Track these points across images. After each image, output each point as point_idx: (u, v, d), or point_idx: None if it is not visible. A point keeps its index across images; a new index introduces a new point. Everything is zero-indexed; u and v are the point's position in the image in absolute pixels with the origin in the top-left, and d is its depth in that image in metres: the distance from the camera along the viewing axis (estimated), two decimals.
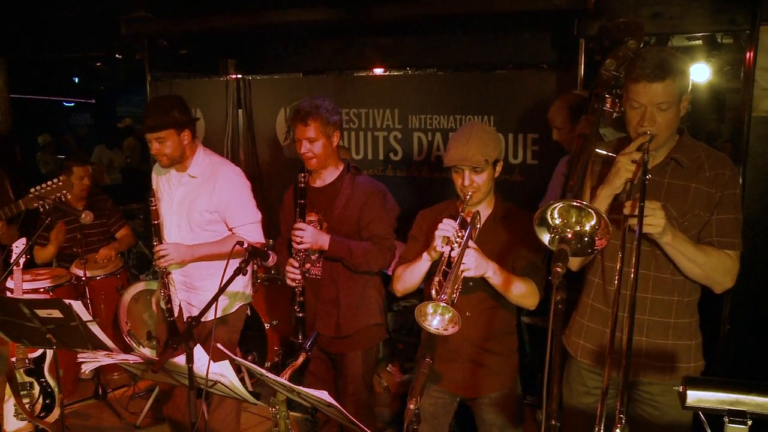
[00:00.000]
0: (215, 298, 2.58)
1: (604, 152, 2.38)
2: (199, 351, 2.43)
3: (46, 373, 4.19)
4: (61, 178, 3.56)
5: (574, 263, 2.53)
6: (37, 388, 4.20)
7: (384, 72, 5.54)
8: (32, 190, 3.52)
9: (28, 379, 4.20)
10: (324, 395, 2.08)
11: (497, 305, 2.77)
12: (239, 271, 2.70)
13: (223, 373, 2.46)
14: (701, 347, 2.50)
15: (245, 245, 2.79)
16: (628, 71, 2.30)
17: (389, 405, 4.74)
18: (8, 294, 4.10)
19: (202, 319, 3.38)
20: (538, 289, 2.66)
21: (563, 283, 1.70)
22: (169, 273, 3.53)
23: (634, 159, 2.22)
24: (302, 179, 3.24)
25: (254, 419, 4.55)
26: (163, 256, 3.33)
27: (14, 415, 4.18)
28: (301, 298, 3.24)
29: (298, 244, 3.14)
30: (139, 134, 3.44)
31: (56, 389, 4.23)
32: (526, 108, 4.78)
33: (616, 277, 2.10)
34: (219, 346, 2.46)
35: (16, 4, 5.37)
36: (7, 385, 4.13)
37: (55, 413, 4.25)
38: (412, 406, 2.03)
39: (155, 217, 3.43)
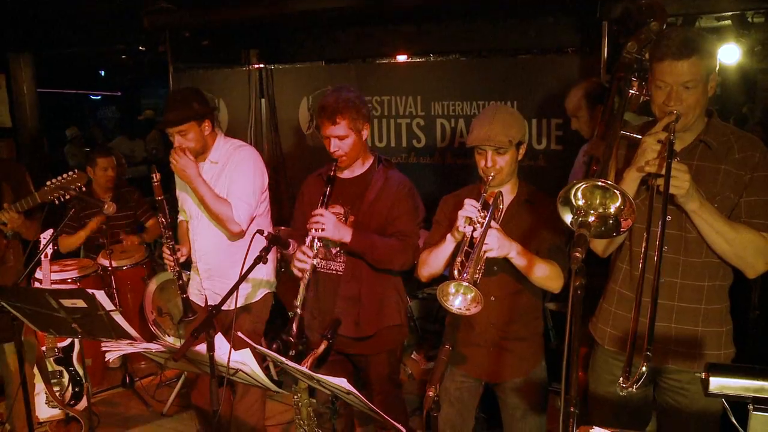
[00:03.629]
0: (236, 287, 2.57)
1: (630, 134, 2.32)
2: (220, 339, 2.43)
3: (75, 362, 4.25)
4: (75, 170, 3.58)
5: (600, 248, 2.49)
6: (66, 377, 4.26)
7: (406, 59, 5.50)
8: (48, 182, 3.54)
9: (57, 367, 4.27)
10: (343, 383, 2.07)
11: (522, 289, 2.74)
12: (259, 259, 2.69)
13: (244, 361, 2.47)
14: (731, 334, 2.44)
15: (265, 233, 2.78)
16: (653, 51, 2.24)
17: (414, 392, 4.74)
18: (37, 284, 4.17)
19: (227, 308, 3.42)
20: (562, 273, 2.62)
21: (582, 269, 1.66)
22: (193, 261, 3.55)
23: (660, 139, 2.16)
24: (333, 167, 3.10)
25: (280, 407, 4.57)
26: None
27: (46, 403, 4.25)
28: (305, 293, 3.03)
29: (317, 231, 2.98)
30: (161, 128, 3.43)
31: (84, 378, 4.29)
32: (550, 93, 4.72)
33: (641, 261, 2.05)
34: (239, 334, 2.46)
35: (41, 0, 5.42)
36: (38, 374, 4.20)
37: (85, 401, 4.32)
38: (431, 393, 2.01)
39: (158, 193, 3.41)
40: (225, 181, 3.44)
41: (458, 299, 2.32)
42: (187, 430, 4.30)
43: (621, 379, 1.87)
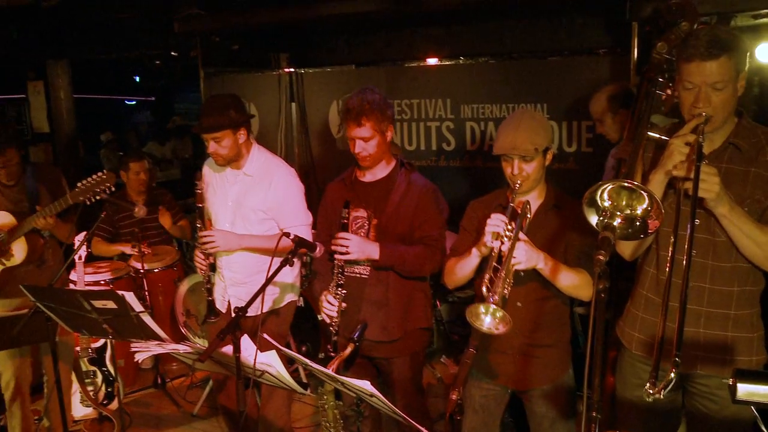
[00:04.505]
0: (262, 289, 2.60)
1: (657, 135, 2.29)
2: (246, 341, 2.45)
3: (108, 363, 4.33)
4: (105, 171, 3.65)
5: (627, 251, 2.45)
6: (100, 377, 4.34)
7: (436, 62, 5.49)
8: (79, 184, 3.61)
9: (91, 368, 4.35)
10: (366, 385, 2.07)
11: (549, 295, 2.71)
12: (286, 261, 2.71)
13: (270, 363, 2.49)
14: (763, 340, 2.39)
15: (291, 236, 2.80)
16: (680, 51, 2.20)
17: (443, 396, 4.72)
18: (72, 286, 4.26)
19: (255, 313, 3.45)
20: (591, 280, 2.57)
21: (606, 272, 1.64)
22: (217, 268, 3.58)
23: (688, 141, 2.12)
24: (346, 215, 3.08)
25: (308, 409, 4.60)
26: (209, 242, 3.34)
27: (80, 402, 4.34)
28: (335, 338, 3.07)
29: (343, 254, 2.98)
30: (195, 132, 3.47)
31: (117, 378, 4.36)
32: (580, 95, 4.66)
33: (668, 265, 2.02)
34: (265, 336, 2.48)
35: (75, 8, 5.53)
36: (73, 374, 4.28)
37: (117, 401, 4.39)
38: (454, 397, 2.00)
39: (200, 201, 3.45)
40: (262, 197, 3.44)
41: (488, 319, 2.31)
42: (216, 431, 4.34)
43: (648, 384, 1.84)
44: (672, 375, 1.79)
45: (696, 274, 2.25)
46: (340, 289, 3.05)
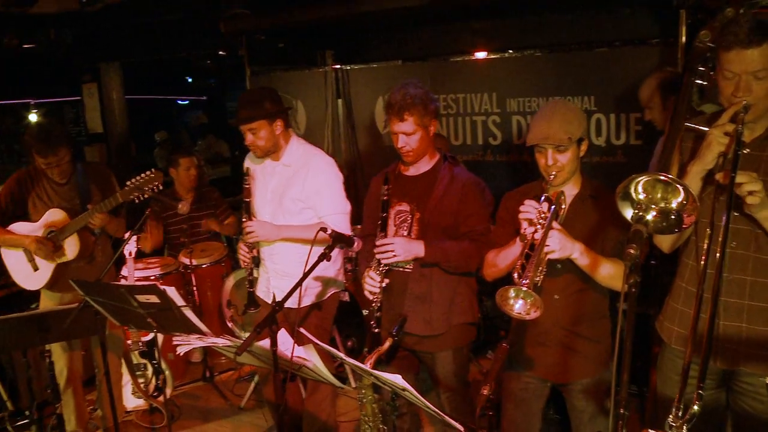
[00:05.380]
0: (299, 284, 2.62)
1: (696, 126, 2.22)
2: (283, 335, 2.48)
3: (158, 356, 4.44)
4: (153, 170, 3.73)
5: (665, 243, 2.39)
6: (150, 369, 4.46)
7: (484, 56, 5.44)
8: (128, 183, 3.71)
9: (142, 360, 4.47)
10: (398, 379, 2.07)
11: (587, 288, 2.67)
12: (323, 256, 2.73)
13: (307, 357, 2.51)
14: None
15: (329, 231, 2.82)
16: (720, 39, 2.13)
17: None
18: (123, 281, 4.39)
19: (298, 306, 3.50)
20: None
21: (637, 266, 1.60)
22: (261, 260, 3.64)
23: (726, 131, 2.06)
24: (386, 191, 3.11)
25: (353, 403, 4.61)
26: (250, 232, 3.41)
27: (132, 393, 4.47)
28: (378, 314, 3.04)
29: (390, 258, 2.96)
30: (233, 125, 3.53)
31: (167, 371, 4.47)
32: (628, 86, 4.55)
33: (703, 257, 1.95)
34: (302, 330, 2.51)
35: (125, 12, 5.68)
36: (124, 366, 4.41)
37: (167, 393, 4.51)
38: (485, 392, 1.99)
39: (247, 195, 3.53)
40: (300, 186, 3.48)
41: (518, 304, 2.30)
42: (263, 424, 4.40)
43: (671, 417, 1.77)
44: (696, 407, 1.72)
45: (737, 267, 2.19)
46: (382, 265, 3.02)
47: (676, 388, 2.36)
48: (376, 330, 3.01)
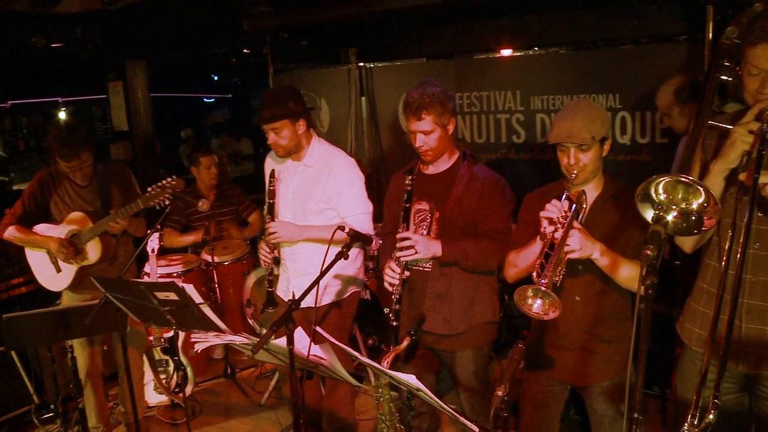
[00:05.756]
0: (316, 282, 2.61)
1: (719, 124, 2.17)
2: (299, 333, 2.48)
3: (180, 352, 4.47)
4: (174, 177, 3.73)
5: (687, 243, 2.35)
6: (171, 366, 4.49)
7: (508, 53, 5.39)
8: (149, 189, 3.71)
9: (164, 356, 4.50)
10: (411, 379, 2.05)
11: (608, 289, 2.63)
12: (341, 255, 2.72)
13: (323, 355, 2.51)
14: None
15: (347, 230, 2.80)
16: (746, 34, 2.09)
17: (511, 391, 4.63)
18: (146, 278, 4.42)
19: (318, 304, 3.49)
20: None
21: (654, 267, 1.57)
22: (281, 260, 3.64)
23: (751, 129, 2.00)
24: (410, 182, 3.08)
25: (373, 402, 4.58)
26: (273, 233, 3.41)
27: (154, 389, 4.51)
28: (398, 306, 3.00)
29: (410, 255, 2.93)
30: (256, 124, 3.53)
31: (188, 367, 4.50)
32: (654, 84, 4.46)
33: (724, 257, 1.91)
34: (318, 329, 2.50)
35: (150, 11, 5.73)
36: (146, 362, 4.45)
37: (189, 389, 4.54)
38: (500, 393, 1.96)
39: (271, 197, 3.53)
40: (322, 187, 3.48)
41: (537, 303, 2.28)
42: (283, 421, 4.41)
43: (686, 425, 1.72)
44: (711, 417, 1.67)
45: (760, 268, 2.14)
46: (401, 260, 2.99)
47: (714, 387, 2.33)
48: (395, 323, 2.99)
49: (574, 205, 2.47)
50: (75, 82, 8.76)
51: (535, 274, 2.40)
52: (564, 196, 2.50)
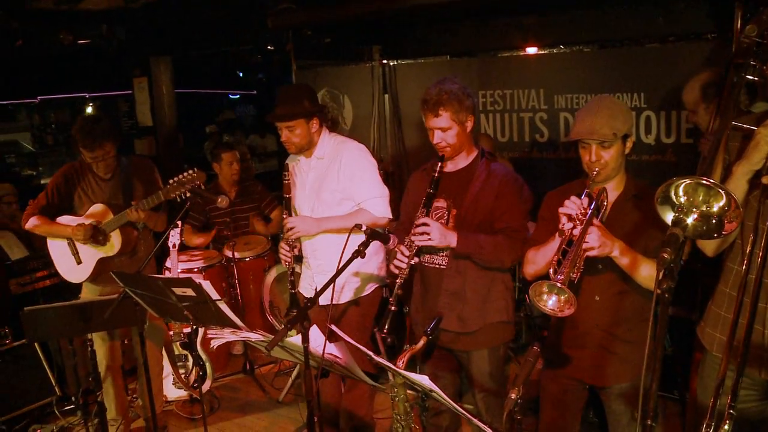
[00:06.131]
0: (332, 280, 2.60)
1: (743, 125, 2.11)
2: (314, 332, 2.47)
3: (199, 347, 4.49)
4: (195, 169, 3.76)
5: (709, 247, 2.30)
6: (191, 361, 4.52)
7: (534, 51, 5.34)
8: (171, 181, 3.74)
9: (183, 351, 4.53)
10: (425, 380, 2.04)
11: (628, 289, 2.59)
12: (357, 253, 2.71)
13: (338, 354, 2.50)
14: None
15: (363, 228, 2.79)
16: None
17: (529, 392, 4.59)
18: (166, 273, 4.46)
19: (336, 302, 3.49)
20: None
21: (672, 270, 1.53)
22: (304, 257, 3.64)
23: None
24: (437, 168, 3.06)
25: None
26: (291, 228, 3.42)
27: (173, 384, 4.54)
28: (400, 291, 2.96)
29: (424, 240, 2.92)
30: (270, 121, 3.54)
31: (207, 362, 4.52)
32: (680, 83, 4.39)
33: (745, 260, 1.86)
34: (332, 327, 2.49)
35: (174, 7, 5.77)
36: (165, 357, 4.48)
37: (208, 384, 4.56)
38: (513, 396, 1.94)
39: (287, 191, 3.53)
40: (335, 176, 3.49)
41: (552, 300, 2.25)
42: (301, 418, 4.41)
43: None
44: (726, 427, 1.63)
45: None
46: (414, 244, 2.97)
47: (719, 398, 2.28)
48: (393, 308, 2.94)
49: (594, 202, 2.44)
50: (102, 77, 8.86)
51: (551, 270, 2.37)
52: (584, 193, 2.47)
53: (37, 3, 4.96)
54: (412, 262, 2.98)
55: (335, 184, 3.49)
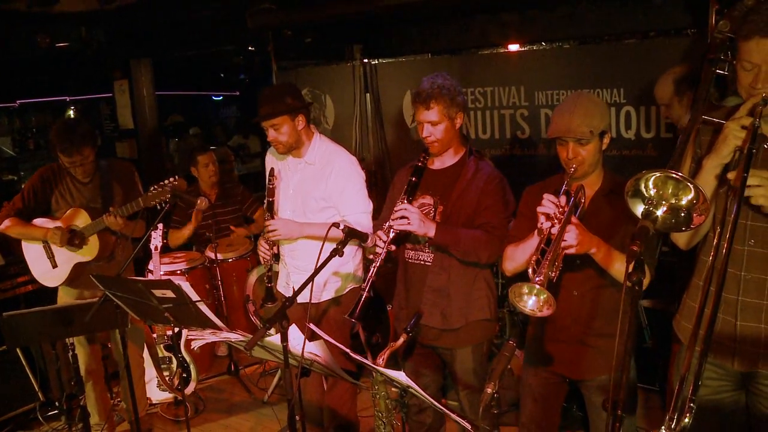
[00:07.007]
0: (310, 279, 2.61)
1: (713, 119, 2.14)
2: (293, 330, 2.48)
3: (183, 349, 4.48)
4: (176, 177, 3.74)
5: (681, 240, 2.33)
6: (175, 363, 4.51)
7: (515, 48, 5.36)
8: (151, 188, 3.72)
9: (167, 354, 4.52)
10: (401, 376, 2.05)
11: (606, 284, 2.62)
12: (335, 252, 2.72)
13: (317, 353, 2.50)
14: None
15: (341, 227, 2.80)
16: (739, 28, 2.06)
17: (513, 387, 4.62)
18: (149, 275, 4.44)
19: (317, 301, 3.50)
20: (648, 269, 2.47)
21: (641, 263, 1.55)
22: (281, 256, 3.65)
23: (743, 124, 1.98)
24: (423, 159, 3.11)
25: None
26: (273, 231, 3.42)
27: (157, 386, 4.52)
28: (374, 277, 2.99)
29: (403, 225, 2.95)
30: (255, 122, 3.54)
31: (192, 364, 4.51)
32: (659, 78, 4.45)
33: (712, 253, 1.88)
34: (311, 325, 2.50)
35: (154, 9, 5.74)
36: (149, 359, 4.47)
37: (192, 386, 4.55)
38: (489, 390, 1.95)
39: (271, 195, 3.53)
40: (323, 185, 3.49)
41: (531, 300, 2.27)
42: (284, 417, 4.41)
43: (663, 427, 1.69)
44: (687, 420, 1.65)
45: (754, 265, 2.11)
46: (392, 229, 2.99)
47: (690, 389, 2.31)
48: (365, 293, 2.96)
49: (572, 200, 2.47)
50: (83, 80, 8.80)
51: (530, 270, 2.39)
52: (561, 190, 2.49)
53: (10, 4, 4.91)
54: (390, 249, 2.99)
55: (322, 192, 3.49)
